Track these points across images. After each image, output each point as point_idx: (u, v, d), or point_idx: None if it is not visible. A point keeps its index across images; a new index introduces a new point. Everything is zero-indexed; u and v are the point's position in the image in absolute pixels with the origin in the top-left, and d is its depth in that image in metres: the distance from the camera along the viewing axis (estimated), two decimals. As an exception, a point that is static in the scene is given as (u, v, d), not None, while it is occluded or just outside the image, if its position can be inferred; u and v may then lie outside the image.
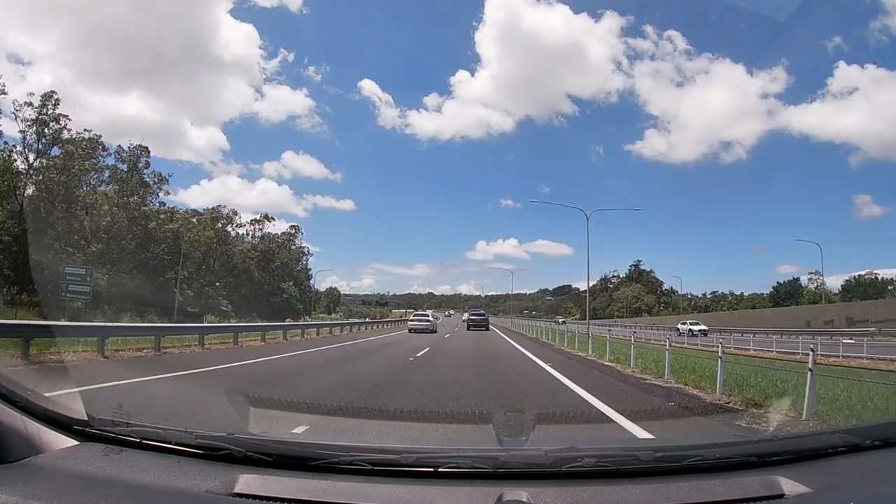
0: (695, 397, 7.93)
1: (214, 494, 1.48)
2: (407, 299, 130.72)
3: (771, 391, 7.57)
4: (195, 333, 16.92)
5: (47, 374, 8.59)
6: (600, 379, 10.37)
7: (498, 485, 1.53)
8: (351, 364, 12.71)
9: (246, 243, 66.70)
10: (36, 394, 1.78)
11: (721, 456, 1.75)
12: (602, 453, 1.70)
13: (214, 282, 54.14)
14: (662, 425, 5.95)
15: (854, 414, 5.92)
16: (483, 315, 42.37)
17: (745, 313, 62.11)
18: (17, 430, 1.60)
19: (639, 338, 15.33)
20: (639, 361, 12.30)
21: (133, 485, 1.51)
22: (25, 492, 1.38)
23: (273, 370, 10.97)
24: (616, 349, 15.09)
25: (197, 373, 9.85)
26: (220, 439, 1.74)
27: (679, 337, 32.18)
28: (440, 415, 5.74)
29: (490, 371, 11.71)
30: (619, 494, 1.52)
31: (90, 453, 1.69)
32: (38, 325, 13.00)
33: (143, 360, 11.96)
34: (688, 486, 1.57)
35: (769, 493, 1.51)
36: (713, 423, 6.21)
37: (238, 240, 65.57)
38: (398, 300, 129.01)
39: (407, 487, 1.55)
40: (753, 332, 36.37)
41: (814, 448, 1.87)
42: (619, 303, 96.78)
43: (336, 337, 26.72)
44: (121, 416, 1.92)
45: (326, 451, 1.67)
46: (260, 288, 63.14)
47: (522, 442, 2.12)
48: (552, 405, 6.79)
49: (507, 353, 17.90)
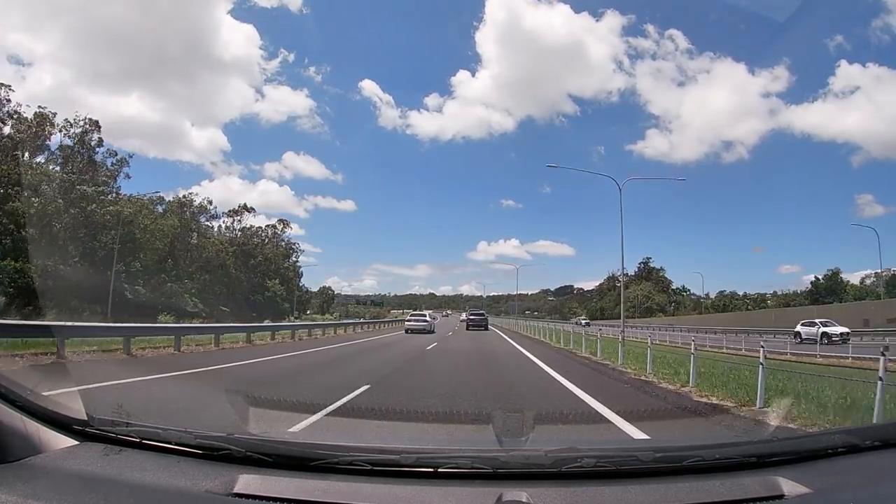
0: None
1: (214, 494, 1.48)
2: (408, 300, 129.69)
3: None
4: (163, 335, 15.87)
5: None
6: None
7: (498, 485, 1.53)
8: (326, 373, 10.90)
9: (223, 236, 62.30)
10: (35, 393, 1.78)
11: (721, 456, 1.75)
12: (602, 454, 1.71)
13: (183, 277, 50.08)
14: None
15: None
16: (482, 315, 42.49)
17: (784, 312, 53.66)
18: (17, 429, 1.59)
19: (715, 346, 10.20)
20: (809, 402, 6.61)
21: (133, 485, 1.51)
22: (25, 492, 1.38)
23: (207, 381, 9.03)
24: (712, 372, 9.75)
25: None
26: (219, 439, 1.74)
27: (799, 344, 25.77)
28: (440, 415, 5.73)
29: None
30: (619, 495, 1.52)
31: (90, 453, 1.69)
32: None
33: (108, 361, 11.03)
34: (687, 487, 1.57)
35: (769, 493, 1.51)
36: (711, 424, 6.20)
37: (215, 233, 61.07)
38: (399, 300, 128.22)
39: (406, 488, 1.55)
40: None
41: (813, 448, 1.87)
42: (628, 302, 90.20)
43: (329, 338, 25.37)
44: (120, 416, 1.92)
45: (326, 451, 1.67)
46: (238, 285, 59.19)
47: (522, 442, 2.12)
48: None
49: (528, 373, 11.35)
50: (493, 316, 59.01)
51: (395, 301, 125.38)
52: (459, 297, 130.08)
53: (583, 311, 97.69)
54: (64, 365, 10.07)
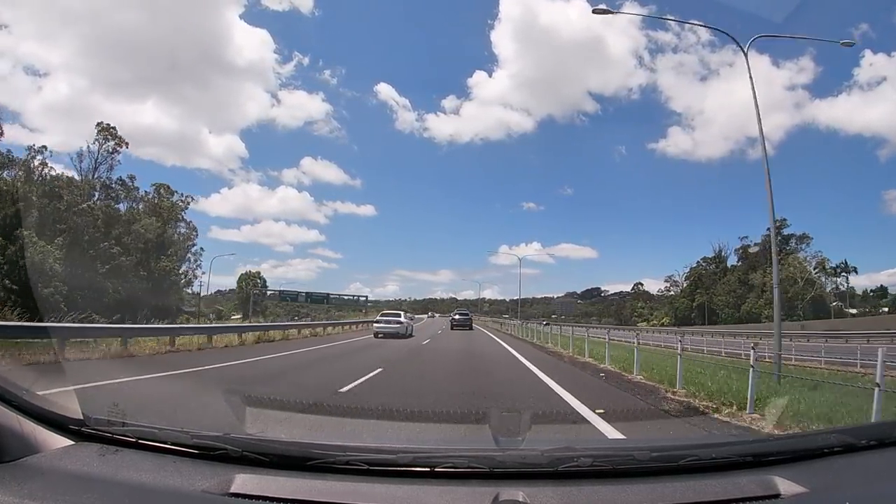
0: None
1: (211, 494, 1.47)
2: (424, 304, 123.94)
3: None
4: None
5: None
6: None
7: (494, 484, 1.53)
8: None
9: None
10: (31, 393, 1.77)
11: (717, 456, 1.75)
12: (598, 453, 1.71)
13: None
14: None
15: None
16: (467, 314, 44.66)
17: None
18: (12, 429, 1.59)
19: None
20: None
21: (129, 485, 1.50)
22: (21, 492, 1.38)
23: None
24: None
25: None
26: (216, 439, 1.74)
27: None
28: (437, 415, 5.74)
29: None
30: (616, 494, 1.52)
31: (86, 453, 1.68)
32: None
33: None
34: (684, 486, 1.57)
35: (765, 492, 1.51)
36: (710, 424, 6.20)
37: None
38: (416, 305, 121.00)
39: (403, 487, 1.55)
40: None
41: (810, 448, 1.88)
42: (760, 294, 59.54)
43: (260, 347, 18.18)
44: (117, 416, 1.92)
45: (323, 451, 1.66)
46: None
47: (519, 442, 2.12)
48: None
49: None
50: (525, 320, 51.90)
51: (418, 305, 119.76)
52: (482, 300, 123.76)
53: (660, 314, 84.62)
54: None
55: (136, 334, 15.61)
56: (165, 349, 15.08)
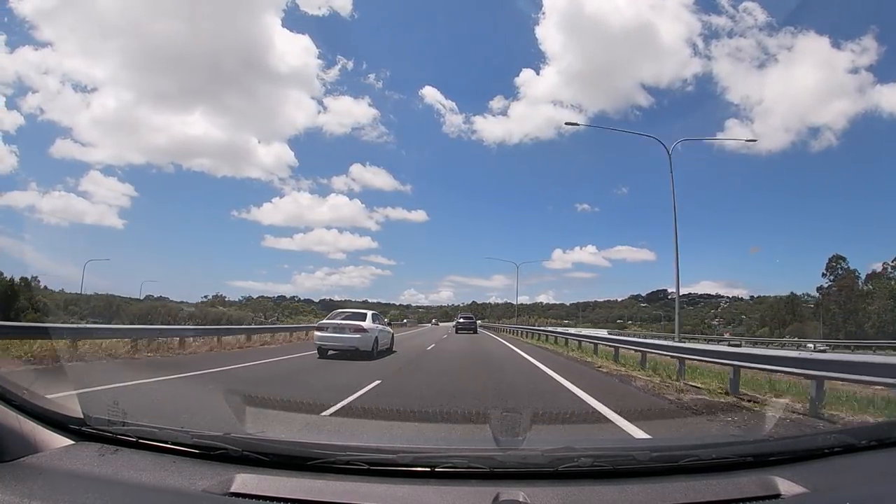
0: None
1: (211, 494, 1.47)
2: (477, 309, 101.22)
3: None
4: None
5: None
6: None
7: (494, 484, 1.53)
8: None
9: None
10: (32, 393, 1.77)
11: (717, 456, 1.75)
12: (598, 453, 1.71)
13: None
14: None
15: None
16: (471, 318, 44.40)
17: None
18: (13, 429, 1.59)
19: None
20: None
21: (129, 484, 1.50)
22: (21, 491, 1.38)
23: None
24: None
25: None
26: (216, 439, 1.74)
27: None
28: (437, 415, 5.73)
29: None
30: (616, 494, 1.52)
31: (86, 453, 1.68)
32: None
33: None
34: (684, 486, 1.57)
35: (765, 493, 1.51)
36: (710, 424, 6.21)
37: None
38: (471, 309, 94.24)
39: (404, 487, 1.55)
40: None
41: (810, 448, 1.88)
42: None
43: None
44: (117, 416, 1.91)
45: (323, 451, 1.66)
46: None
47: (519, 442, 2.12)
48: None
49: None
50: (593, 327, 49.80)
51: (472, 310, 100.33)
52: (538, 305, 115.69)
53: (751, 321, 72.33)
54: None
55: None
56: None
